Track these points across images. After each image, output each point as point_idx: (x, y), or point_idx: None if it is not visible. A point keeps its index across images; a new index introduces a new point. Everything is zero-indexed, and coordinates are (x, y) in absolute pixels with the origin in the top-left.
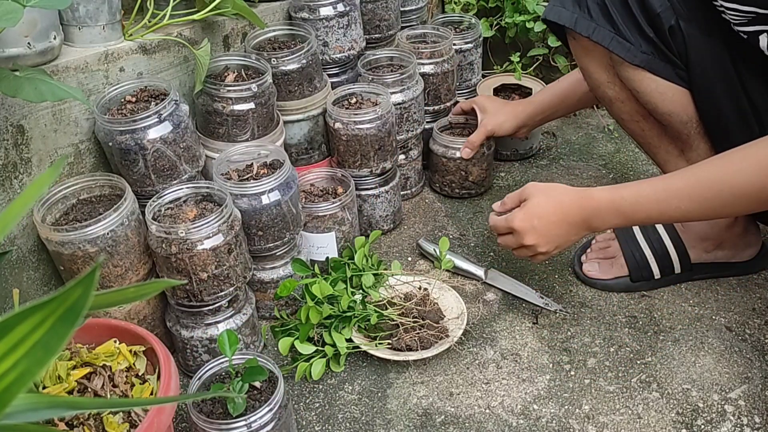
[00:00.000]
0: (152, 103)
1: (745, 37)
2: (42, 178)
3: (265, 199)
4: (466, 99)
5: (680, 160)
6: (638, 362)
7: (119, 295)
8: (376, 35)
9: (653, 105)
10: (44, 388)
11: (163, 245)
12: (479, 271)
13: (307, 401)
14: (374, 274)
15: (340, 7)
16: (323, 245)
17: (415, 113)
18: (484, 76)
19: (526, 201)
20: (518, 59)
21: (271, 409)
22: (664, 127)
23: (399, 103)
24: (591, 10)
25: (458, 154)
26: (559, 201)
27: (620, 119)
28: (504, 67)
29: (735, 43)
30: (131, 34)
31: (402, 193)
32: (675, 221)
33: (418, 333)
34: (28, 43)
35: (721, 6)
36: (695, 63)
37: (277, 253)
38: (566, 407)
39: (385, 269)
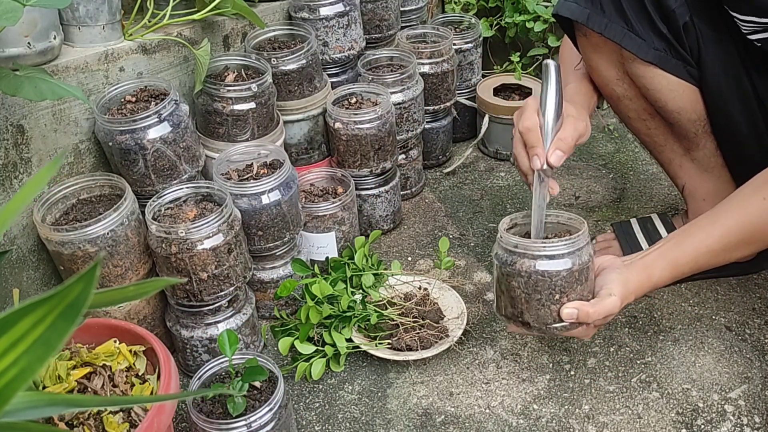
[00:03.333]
0: (152, 103)
1: (759, 45)
2: (42, 173)
3: (265, 199)
4: (466, 99)
5: (685, 159)
6: (638, 362)
7: (119, 294)
8: (376, 35)
9: (662, 102)
10: (44, 387)
11: (163, 245)
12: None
13: (307, 401)
14: (374, 274)
15: (340, 7)
16: (323, 245)
17: (415, 113)
18: (484, 76)
19: (606, 293)
20: (518, 59)
21: (271, 409)
22: (670, 125)
23: (399, 103)
24: (604, 5)
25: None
26: (635, 290)
27: (626, 117)
28: (504, 67)
29: (745, 44)
30: (131, 34)
31: (402, 193)
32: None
33: (418, 333)
34: (28, 42)
35: (736, 18)
36: (706, 60)
37: (277, 253)
38: (566, 407)
39: (385, 269)
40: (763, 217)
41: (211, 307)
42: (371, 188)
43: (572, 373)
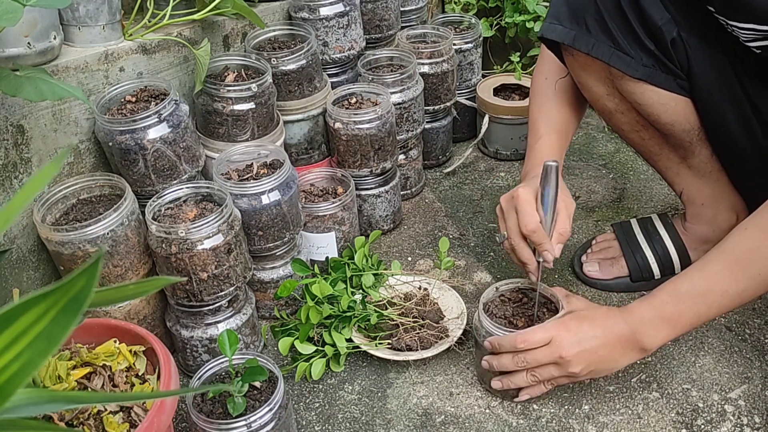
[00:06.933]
0: (152, 103)
1: (758, 52)
2: (45, 171)
3: (265, 199)
4: (466, 99)
5: (681, 167)
6: (638, 362)
7: (120, 292)
8: (376, 35)
9: (655, 116)
10: (44, 387)
11: (163, 245)
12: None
13: (307, 401)
14: (374, 274)
15: (340, 7)
16: (323, 245)
17: (415, 113)
18: (484, 76)
19: (566, 326)
20: (518, 59)
21: (271, 409)
22: (665, 135)
23: (399, 103)
24: (589, 25)
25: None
26: (604, 319)
27: (620, 130)
28: (504, 67)
29: (735, 50)
30: (131, 34)
31: (402, 193)
32: (731, 309)
33: (418, 333)
34: (28, 42)
35: (732, 27)
36: (697, 73)
37: (277, 253)
38: (566, 407)
39: (385, 269)
40: (748, 243)
41: (211, 307)
42: (371, 188)
43: None
